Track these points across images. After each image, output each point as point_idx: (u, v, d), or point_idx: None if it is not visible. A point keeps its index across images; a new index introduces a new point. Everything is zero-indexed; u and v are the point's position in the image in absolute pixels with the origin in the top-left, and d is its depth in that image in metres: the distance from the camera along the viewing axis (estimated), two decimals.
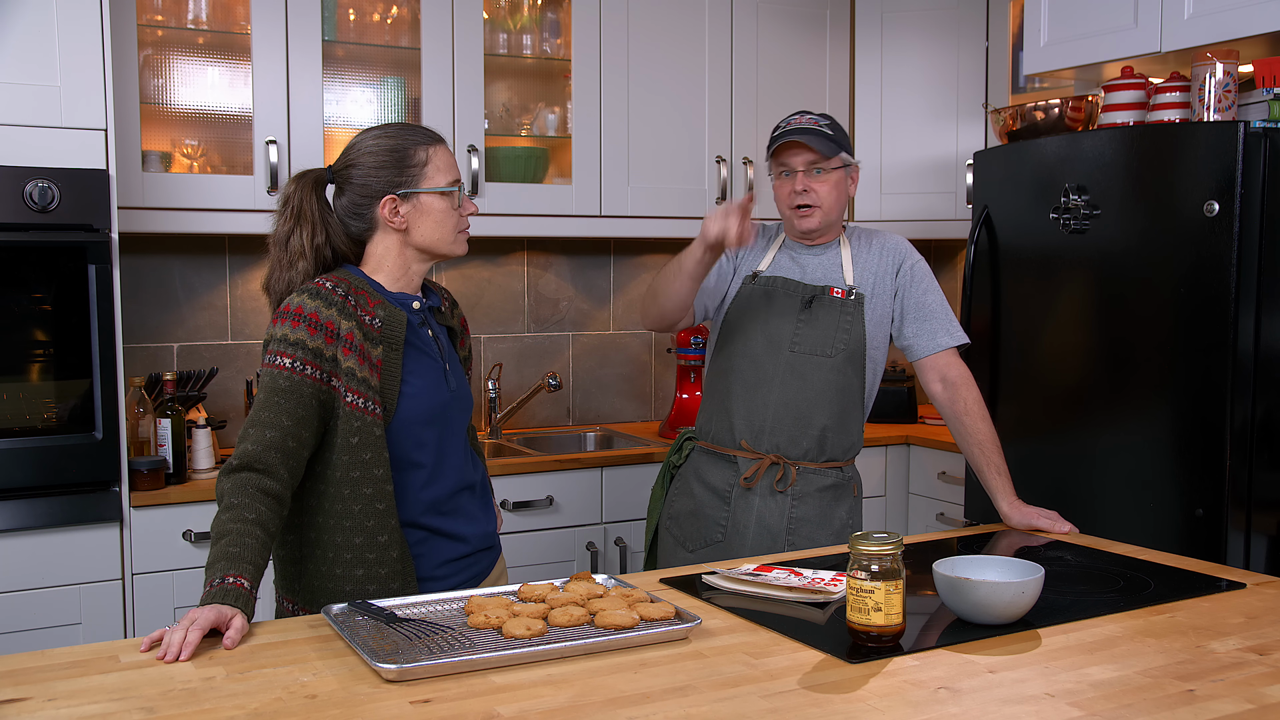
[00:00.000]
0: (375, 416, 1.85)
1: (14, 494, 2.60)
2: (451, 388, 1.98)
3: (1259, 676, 1.47)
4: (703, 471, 2.51)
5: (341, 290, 1.88)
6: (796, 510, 2.43)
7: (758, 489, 2.43)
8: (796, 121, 2.42)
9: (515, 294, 3.83)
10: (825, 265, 2.47)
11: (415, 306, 1.97)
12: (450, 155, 1.98)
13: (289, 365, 1.82)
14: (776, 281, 2.46)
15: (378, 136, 1.95)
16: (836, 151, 2.40)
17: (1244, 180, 2.51)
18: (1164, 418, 2.69)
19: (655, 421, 4.02)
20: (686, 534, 2.51)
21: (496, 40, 3.53)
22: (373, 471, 1.85)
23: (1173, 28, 2.85)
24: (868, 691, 1.42)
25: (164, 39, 3.14)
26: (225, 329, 3.42)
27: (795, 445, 2.42)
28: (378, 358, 1.87)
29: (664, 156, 3.64)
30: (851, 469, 2.51)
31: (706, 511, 2.48)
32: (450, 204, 1.95)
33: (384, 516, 1.87)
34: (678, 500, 2.56)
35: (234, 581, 1.65)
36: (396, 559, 1.88)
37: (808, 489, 2.43)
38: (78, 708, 1.36)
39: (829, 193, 2.41)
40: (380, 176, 1.92)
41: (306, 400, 1.82)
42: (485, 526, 2.05)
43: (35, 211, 2.58)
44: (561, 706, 1.37)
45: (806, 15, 3.84)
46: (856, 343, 2.42)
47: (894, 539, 1.58)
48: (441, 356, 1.98)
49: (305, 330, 1.83)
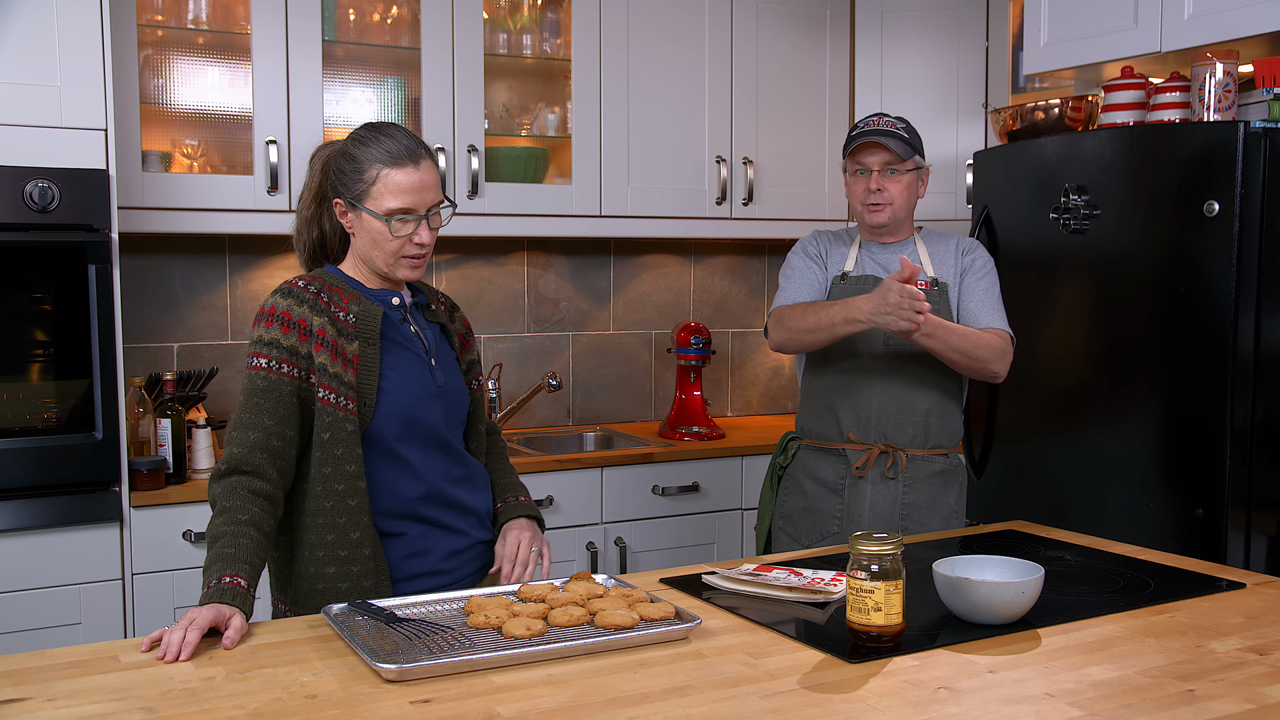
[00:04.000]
0: (348, 412, 1.84)
1: (14, 494, 2.60)
2: (439, 383, 1.96)
3: (1259, 676, 1.47)
4: (812, 468, 2.59)
5: (314, 288, 1.88)
6: (908, 496, 2.51)
7: (869, 478, 2.51)
8: (875, 123, 2.53)
9: (515, 294, 3.83)
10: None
11: (395, 302, 1.96)
12: (415, 179, 1.86)
13: (264, 365, 1.83)
14: (866, 280, 2.55)
15: (359, 137, 1.91)
16: (911, 154, 2.51)
17: (1244, 180, 2.51)
18: (1164, 418, 2.69)
19: (655, 421, 4.02)
20: (801, 530, 2.59)
21: (496, 40, 3.53)
22: (345, 468, 1.84)
23: (1173, 28, 2.85)
24: (868, 691, 1.42)
25: (164, 39, 3.14)
26: (225, 329, 3.42)
27: (901, 432, 2.51)
28: (354, 353, 1.86)
29: (664, 156, 3.64)
30: (956, 456, 2.59)
31: (820, 506, 2.56)
32: (389, 230, 1.86)
33: (356, 513, 1.85)
34: (789, 499, 2.63)
35: (231, 581, 1.66)
36: (369, 556, 1.87)
37: (918, 475, 2.52)
38: (78, 708, 1.36)
39: (900, 192, 2.52)
40: (338, 178, 1.91)
41: (286, 399, 1.83)
42: (484, 519, 2.03)
43: (35, 211, 2.58)
44: (561, 706, 1.37)
45: (806, 15, 3.84)
46: None
47: (894, 539, 1.58)
48: (426, 352, 1.97)
49: (279, 329, 1.84)
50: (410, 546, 1.92)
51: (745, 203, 3.75)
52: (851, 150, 2.53)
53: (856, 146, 2.52)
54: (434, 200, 1.90)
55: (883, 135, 2.48)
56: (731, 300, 4.20)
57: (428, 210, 1.89)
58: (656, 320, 4.08)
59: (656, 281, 4.07)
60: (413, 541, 1.92)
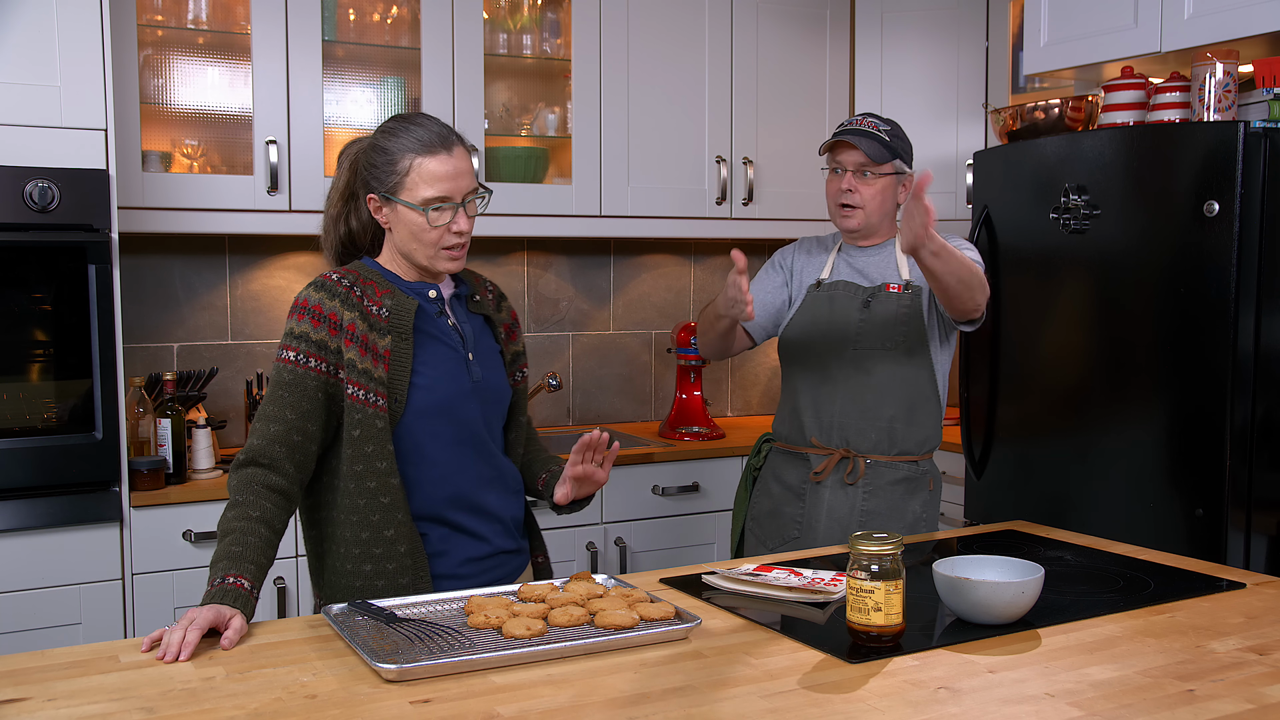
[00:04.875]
0: (378, 409, 1.82)
1: (14, 494, 2.60)
2: (475, 378, 1.92)
3: (1259, 676, 1.47)
4: (779, 471, 2.58)
5: (347, 281, 1.87)
6: (868, 503, 2.46)
7: (828, 483, 2.48)
8: (857, 123, 2.47)
9: (515, 294, 3.83)
10: (881, 264, 2.52)
11: (431, 295, 1.92)
12: (449, 166, 1.84)
13: (292, 359, 1.82)
14: (839, 286, 2.52)
15: (389, 129, 1.88)
16: (888, 158, 2.43)
17: (1244, 180, 2.51)
18: (1164, 418, 2.69)
19: (655, 421, 4.02)
20: (767, 533, 2.58)
21: (496, 40, 3.53)
22: (376, 465, 1.83)
23: (1173, 28, 2.85)
24: (868, 691, 1.42)
25: (164, 39, 3.14)
26: (225, 329, 3.42)
27: (863, 438, 2.46)
28: (385, 348, 1.84)
29: (664, 156, 3.64)
30: (928, 463, 2.52)
31: (783, 509, 2.55)
32: (427, 220, 1.84)
33: (389, 511, 1.84)
34: (759, 501, 2.63)
35: (234, 582, 1.66)
36: (405, 554, 1.85)
37: (879, 482, 2.46)
38: (78, 708, 1.36)
39: (873, 196, 2.45)
40: (370, 172, 1.88)
41: (311, 393, 1.81)
42: (511, 528, 1.99)
43: (35, 211, 2.58)
44: (561, 706, 1.36)
45: (806, 15, 3.84)
46: (916, 334, 2.44)
47: (894, 539, 1.58)
48: (464, 346, 1.93)
49: (309, 323, 1.83)
50: (429, 548, 1.90)
51: (745, 203, 3.75)
52: (830, 148, 2.49)
53: (833, 144, 2.47)
54: (469, 187, 1.87)
55: (858, 135, 2.42)
56: None
57: (464, 198, 1.86)
58: (656, 320, 4.08)
59: (656, 281, 4.07)
60: (431, 544, 1.90)
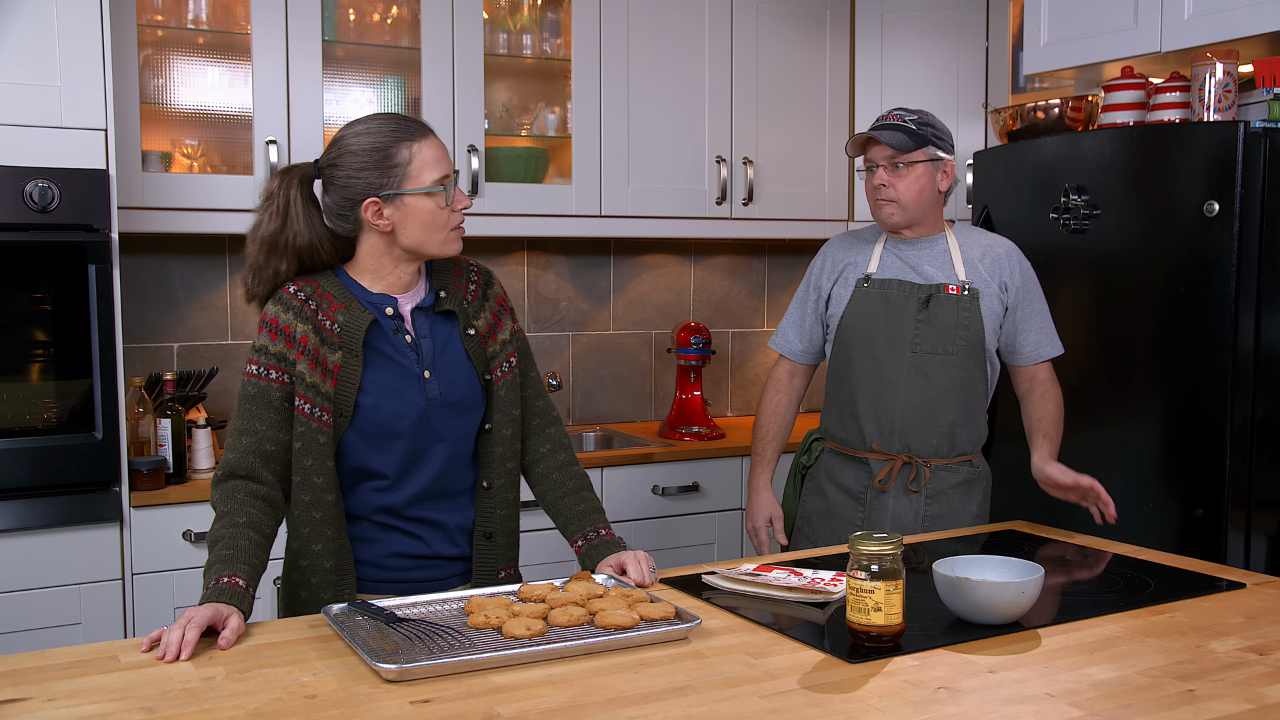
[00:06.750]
0: (322, 424, 1.82)
1: (14, 494, 2.60)
2: (430, 395, 1.88)
3: (1259, 676, 1.47)
4: (835, 473, 2.55)
5: (303, 295, 1.86)
6: (930, 508, 2.46)
7: (892, 490, 2.46)
8: (883, 118, 2.46)
9: (515, 294, 3.83)
10: (936, 261, 2.48)
11: (389, 312, 1.89)
12: (439, 147, 1.87)
13: (255, 372, 1.84)
14: (891, 284, 2.47)
15: (360, 133, 1.85)
16: (914, 147, 2.40)
17: (1244, 180, 2.51)
18: (1164, 417, 2.68)
19: (655, 421, 4.02)
20: (820, 534, 2.55)
21: (496, 40, 3.53)
22: (312, 479, 1.82)
23: (1173, 28, 2.85)
24: (868, 691, 1.42)
25: (164, 39, 3.14)
26: (225, 329, 3.42)
27: (925, 444, 2.45)
28: (335, 363, 1.83)
29: (664, 156, 3.64)
30: (980, 460, 2.53)
31: (840, 512, 2.52)
32: (438, 203, 1.85)
33: (319, 525, 1.84)
34: (810, 501, 2.60)
35: (229, 581, 1.67)
36: (330, 570, 1.85)
37: (941, 486, 2.46)
38: (78, 708, 1.36)
39: (908, 187, 2.41)
40: (362, 178, 1.83)
41: (276, 404, 1.83)
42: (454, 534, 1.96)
43: (35, 211, 2.58)
44: (561, 706, 1.36)
45: (806, 15, 3.84)
46: (976, 338, 2.43)
47: (894, 539, 1.58)
48: (420, 364, 1.90)
49: (268, 336, 1.84)
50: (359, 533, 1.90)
51: (745, 203, 3.75)
52: (860, 148, 2.47)
53: (862, 143, 2.45)
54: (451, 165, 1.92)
55: (882, 129, 2.40)
56: (731, 300, 4.20)
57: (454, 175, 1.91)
58: (656, 320, 4.08)
59: (656, 281, 4.07)
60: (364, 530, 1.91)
